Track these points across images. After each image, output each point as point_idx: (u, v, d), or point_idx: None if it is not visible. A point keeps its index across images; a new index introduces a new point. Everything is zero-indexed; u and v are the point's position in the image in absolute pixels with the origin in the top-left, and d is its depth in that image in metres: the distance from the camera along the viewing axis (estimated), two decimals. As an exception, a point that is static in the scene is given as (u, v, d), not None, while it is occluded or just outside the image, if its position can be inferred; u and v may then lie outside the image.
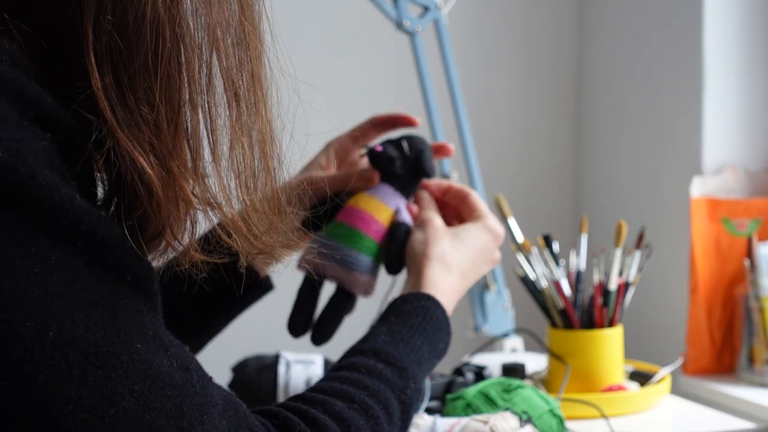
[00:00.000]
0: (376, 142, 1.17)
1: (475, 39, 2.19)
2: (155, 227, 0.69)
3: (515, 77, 2.25)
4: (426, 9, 1.62)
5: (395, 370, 0.90)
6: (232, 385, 1.38)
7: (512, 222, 1.52)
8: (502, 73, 2.24)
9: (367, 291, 1.11)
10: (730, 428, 1.37)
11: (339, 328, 1.12)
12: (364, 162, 1.17)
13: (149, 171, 0.66)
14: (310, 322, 1.12)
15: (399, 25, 1.59)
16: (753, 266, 1.73)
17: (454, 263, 1.07)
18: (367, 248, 1.08)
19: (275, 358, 1.38)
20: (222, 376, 1.38)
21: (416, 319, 0.97)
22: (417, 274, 1.05)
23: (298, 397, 0.82)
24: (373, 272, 1.10)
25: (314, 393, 0.82)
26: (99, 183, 0.70)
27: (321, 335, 1.12)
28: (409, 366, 0.91)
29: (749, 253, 1.75)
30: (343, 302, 1.11)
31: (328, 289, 1.14)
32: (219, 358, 1.45)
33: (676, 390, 1.62)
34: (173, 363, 0.66)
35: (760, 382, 1.70)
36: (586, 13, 2.24)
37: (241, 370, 1.38)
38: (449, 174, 1.62)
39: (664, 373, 1.49)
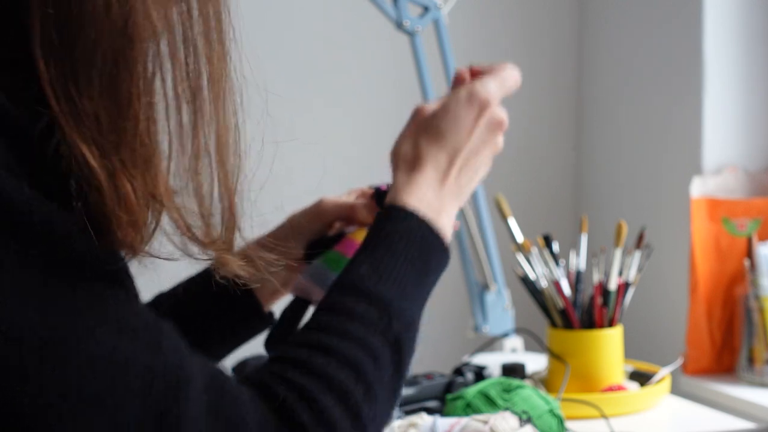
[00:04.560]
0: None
1: (475, 39, 2.19)
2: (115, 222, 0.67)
3: (515, 77, 2.25)
4: (426, 9, 1.62)
5: (376, 308, 0.83)
6: (232, 385, 1.38)
7: (512, 222, 1.52)
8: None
9: None
10: (730, 428, 1.37)
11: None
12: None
13: (92, 162, 0.65)
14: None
15: (399, 25, 1.59)
16: (753, 266, 1.73)
17: (417, 149, 0.95)
18: None
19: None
20: (222, 376, 1.38)
21: (399, 245, 0.88)
22: (392, 184, 0.96)
23: (277, 359, 0.79)
24: None
25: (293, 349, 0.79)
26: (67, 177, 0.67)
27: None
28: (393, 300, 0.84)
29: (749, 253, 1.75)
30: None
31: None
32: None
33: (676, 390, 1.62)
34: (140, 344, 0.65)
35: (760, 382, 1.70)
36: (586, 13, 2.24)
37: (240, 370, 1.38)
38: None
39: (664, 373, 1.49)
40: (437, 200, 0.93)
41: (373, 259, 0.87)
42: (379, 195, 1.10)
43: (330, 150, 2.07)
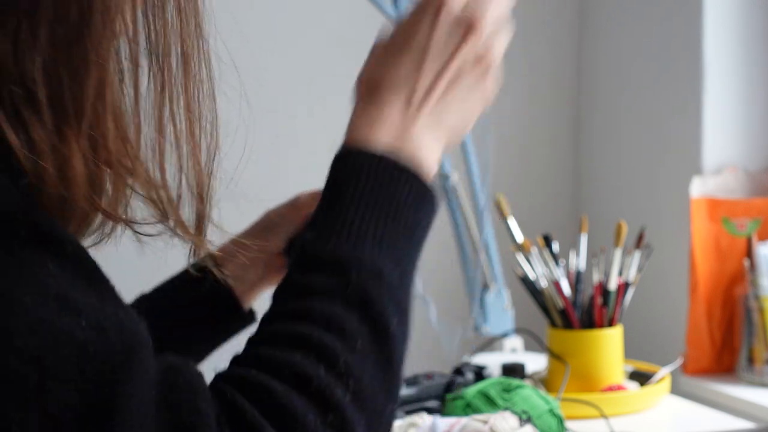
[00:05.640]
0: None
1: (475, 39, 2.19)
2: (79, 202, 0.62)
3: (515, 76, 2.25)
4: (426, 9, 1.62)
5: (327, 272, 0.68)
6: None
7: (512, 222, 1.52)
8: (501, 73, 2.23)
9: None
10: (730, 428, 1.37)
11: None
12: None
13: (31, 130, 0.60)
14: None
15: (399, 25, 1.59)
16: (753, 266, 1.73)
17: (377, 74, 0.79)
18: None
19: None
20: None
21: (348, 189, 0.71)
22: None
23: (231, 362, 0.68)
24: None
25: (242, 352, 0.68)
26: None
27: None
28: (346, 256, 0.68)
29: (749, 253, 1.75)
30: None
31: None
32: (219, 358, 1.45)
33: (675, 390, 1.62)
34: (80, 323, 0.57)
35: (760, 382, 1.70)
36: (586, 13, 2.24)
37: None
38: (449, 174, 1.62)
39: (663, 373, 1.49)
40: (406, 132, 0.75)
41: (321, 219, 0.71)
42: None
43: (328, 150, 2.07)
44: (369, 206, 0.70)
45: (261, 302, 1.21)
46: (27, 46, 0.61)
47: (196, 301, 1.09)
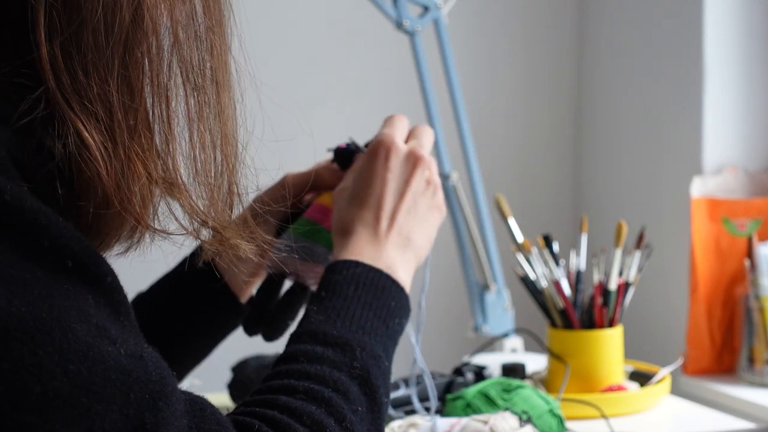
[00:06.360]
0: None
1: (475, 39, 2.19)
2: (117, 214, 0.66)
3: (515, 77, 2.25)
4: (426, 9, 1.62)
5: (336, 348, 0.82)
6: (231, 385, 1.38)
7: (512, 222, 1.52)
8: (502, 73, 2.24)
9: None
10: (730, 428, 1.37)
11: (293, 323, 1.10)
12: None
13: (90, 141, 0.63)
14: (264, 320, 1.11)
15: (399, 25, 1.59)
16: (753, 266, 1.73)
17: (345, 220, 0.96)
18: (322, 239, 1.06)
19: (275, 358, 1.38)
20: (222, 376, 1.38)
21: (349, 290, 0.88)
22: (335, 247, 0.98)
23: (240, 405, 0.77)
24: (328, 262, 1.10)
25: (255, 395, 0.77)
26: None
27: (274, 331, 1.09)
28: (351, 338, 0.83)
29: (749, 253, 1.75)
30: (297, 296, 1.10)
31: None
32: (219, 358, 1.45)
33: (676, 390, 1.62)
34: (121, 351, 0.61)
35: (760, 382, 1.70)
36: (586, 13, 2.24)
37: (240, 370, 1.38)
38: (449, 174, 1.62)
39: (664, 373, 1.49)
40: (380, 253, 0.93)
41: (325, 307, 0.86)
42: (338, 154, 1.09)
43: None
44: (364, 305, 0.87)
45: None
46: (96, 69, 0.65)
47: (195, 298, 1.09)
